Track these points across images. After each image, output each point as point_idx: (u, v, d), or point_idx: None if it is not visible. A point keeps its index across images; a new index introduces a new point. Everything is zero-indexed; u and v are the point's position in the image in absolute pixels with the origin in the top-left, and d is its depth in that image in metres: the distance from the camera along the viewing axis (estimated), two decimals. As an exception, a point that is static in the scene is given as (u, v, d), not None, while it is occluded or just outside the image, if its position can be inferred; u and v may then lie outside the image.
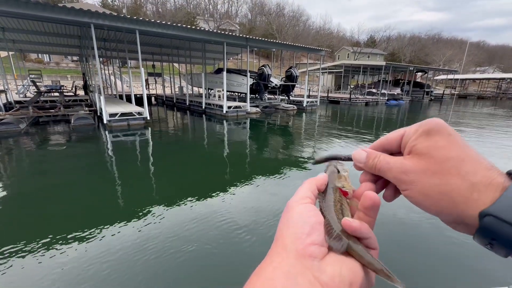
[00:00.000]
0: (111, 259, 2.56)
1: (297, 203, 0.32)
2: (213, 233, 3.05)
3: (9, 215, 3.52)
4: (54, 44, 16.41)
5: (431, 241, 3.04)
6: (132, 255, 2.61)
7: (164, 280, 2.33)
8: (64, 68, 33.34)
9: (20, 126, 8.64)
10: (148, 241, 2.87)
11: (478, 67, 73.11)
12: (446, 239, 3.02)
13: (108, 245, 2.77)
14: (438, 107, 22.28)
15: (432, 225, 3.27)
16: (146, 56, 19.69)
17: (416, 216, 3.48)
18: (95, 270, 2.41)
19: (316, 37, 60.99)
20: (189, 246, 2.77)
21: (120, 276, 2.36)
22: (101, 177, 4.96)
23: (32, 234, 3.01)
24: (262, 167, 5.70)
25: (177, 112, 15.47)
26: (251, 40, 12.64)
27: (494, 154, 6.96)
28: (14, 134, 8.14)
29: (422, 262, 2.63)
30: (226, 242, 2.88)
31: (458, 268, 2.61)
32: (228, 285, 2.28)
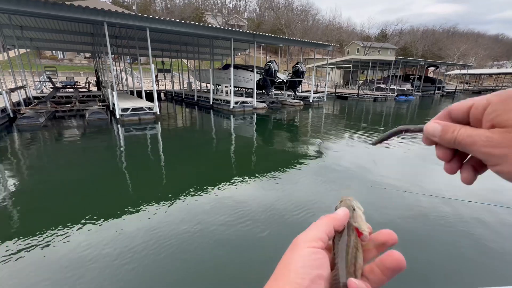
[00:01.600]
0: (125, 244, 2.83)
1: (305, 244, 0.30)
2: (223, 221, 3.31)
3: (33, 201, 3.91)
4: (68, 41, 17.02)
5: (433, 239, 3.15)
6: (144, 241, 2.85)
7: (175, 262, 2.56)
8: (77, 64, 34.34)
9: (40, 120, 9.17)
10: (159, 227, 3.17)
11: (496, 62, 70.18)
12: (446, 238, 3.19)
13: (122, 231, 3.04)
14: (450, 103, 21.80)
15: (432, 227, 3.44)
16: (156, 53, 20.10)
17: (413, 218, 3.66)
18: (114, 253, 2.71)
19: (325, 32, 60.03)
20: (198, 234, 2.99)
21: (132, 258, 2.56)
22: (118, 168, 5.33)
23: (50, 220, 3.35)
24: (268, 161, 5.92)
25: (186, 107, 15.85)
26: (258, 36, 12.77)
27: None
28: (35, 127, 8.68)
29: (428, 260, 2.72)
30: (235, 229, 3.11)
31: (460, 266, 2.64)
32: (239, 269, 2.50)
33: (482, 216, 3.43)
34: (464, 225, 3.24)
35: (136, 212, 3.45)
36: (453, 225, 3.23)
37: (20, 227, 3.10)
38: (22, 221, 3.27)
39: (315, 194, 4.07)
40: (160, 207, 3.57)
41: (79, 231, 3.02)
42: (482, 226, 3.22)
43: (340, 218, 0.34)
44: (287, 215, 3.39)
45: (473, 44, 63.57)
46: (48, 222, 3.20)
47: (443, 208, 3.61)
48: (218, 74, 17.43)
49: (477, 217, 3.40)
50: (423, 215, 3.47)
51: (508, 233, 3.09)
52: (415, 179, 4.88)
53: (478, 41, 68.11)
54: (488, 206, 3.55)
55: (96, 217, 3.26)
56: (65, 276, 2.33)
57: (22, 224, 3.18)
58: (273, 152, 6.71)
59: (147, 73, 28.30)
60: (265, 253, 2.67)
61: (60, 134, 8.13)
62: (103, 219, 3.23)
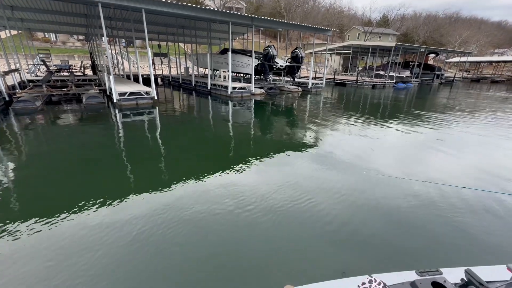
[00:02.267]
0: (122, 227, 2.86)
1: None
2: (220, 203, 3.47)
3: (34, 184, 4.03)
4: (61, 22, 16.50)
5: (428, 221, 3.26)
6: (141, 224, 2.92)
7: (175, 241, 2.64)
8: (70, 47, 33.40)
9: (36, 103, 9.13)
10: (158, 210, 3.30)
11: (497, 49, 69.27)
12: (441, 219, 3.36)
13: (121, 214, 3.10)
14: (447, 91, 21.81)
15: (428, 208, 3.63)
16: (152, 36, 19.60)
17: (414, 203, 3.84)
18: (109, 236, 2.71)
19: (326, 16, 58.40)
20: (198, 214, 3.10)
21: (127, 242, 2.60)
22: (117, 153, 5.44)
23: (49, 201, 3.48)
24: (265, 147, 6.01)
25: (183, 92, 15.73)
26: (257, 20, 12.50)
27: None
28: (32, 111, 8.65)
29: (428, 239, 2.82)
30: (232, 211, 3.26)
31: (454, 246, 2.73)
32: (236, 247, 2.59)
33: (475, 201, 3.53)
34: (460, 211, 3.32)
35: (134, 196, 3.50)
36: (449, 211, 3.31)
37: (17, 211, 3.13)
38: (20, 205, 3.29)
39: (312, 181, 4.08)
40: (159, 192, 3.66)
41: (78, 215, 3.06)
42: (475, 211, 3.34)
43: None
44: (282, 198, 3.51)
45: (476, 31, 62.41)
46: (45, 205, 3.27)
47: (437, 194, 3.70)
48: (215, 58, 17.17)
49: (470, 203, 3.50)
50: (417, 200, 3.53)
51: (498, 217, 3.24)
52: (411, 166, 4.93)
53: (481, 27, 66.82)
54: (481, 192, 3.68)
55: (93, 201, 3.32)
56: (60, 258, 2.39)
57: (19, 208, 3.21)
58: (270, 139, 6.80)
59: (143, 57, 27.69)
60: (264, 235, 2.79)
61: (58, 118, 8.14)
62: (101, 203, 3.30)
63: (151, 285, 2.13)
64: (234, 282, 2.19)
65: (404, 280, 1.31)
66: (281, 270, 2.32)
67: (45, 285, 2.11)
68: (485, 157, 5.52)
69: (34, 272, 2.23)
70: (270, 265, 2.37)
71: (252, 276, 2.27)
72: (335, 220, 3.04)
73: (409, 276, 1.36)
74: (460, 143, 6.46)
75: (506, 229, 2.97)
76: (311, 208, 3.29)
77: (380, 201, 3.50)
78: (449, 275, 1.33)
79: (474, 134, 7.41)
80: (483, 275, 1.20)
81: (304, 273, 2.31)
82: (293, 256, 2.50)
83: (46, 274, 2.21)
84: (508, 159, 5.35)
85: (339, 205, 3.37)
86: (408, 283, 1.28)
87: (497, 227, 3.02)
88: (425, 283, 1.24)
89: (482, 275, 1.17)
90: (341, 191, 3.73)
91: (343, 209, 3.28)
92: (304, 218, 3.09)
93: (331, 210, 3.25)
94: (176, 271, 2.29)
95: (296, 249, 2.60)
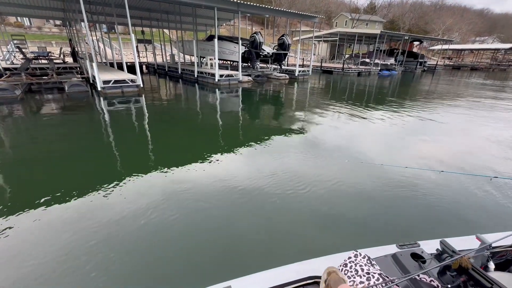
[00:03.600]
0: (108, 216, 2.88)
1: None
2: (207, 191, 3.55)
3: (20, 175, 4.04)
4: (36, 6, 15.57)
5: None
6: (127, 212, 2.96)
7: (160, 230, 2.68)
8: (47, 33, 31.54)
9: (16, 92, 8.84)
10: (147, 198, 3.35)
11: (478, 37, 71.29)
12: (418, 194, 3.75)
13: (106, 204, 3.10)
14: (429, 78, 22.60)
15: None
16: (135, 21, 18.86)
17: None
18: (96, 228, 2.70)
19: (314, 2, 57.67)
20: (183, 204, 3.11)
21: (115, 230, 2.64)
22: (105, 141, 5.50)
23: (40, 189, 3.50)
24: (251, 135, 6.09)
25: (170, 80, 15.51)
26: (243, 5, 12.36)
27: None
28: (12, 100, 8.40)
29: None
30: (218, 198, 3.28)
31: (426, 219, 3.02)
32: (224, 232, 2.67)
33: (449, 183, 3.83)
34: (435, 192, 3.57)
35: (122, 184, 3.53)
36: (426, 193, 3.54)
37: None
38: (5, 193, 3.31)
39: (298, 168, 4.18)
40: (146, 179, 3.70)
41: (68, 203, 3.08)
42: (449, 190, 3.61)
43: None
44: (266, 186, 3.59)
45: (458, 19, 63.74)
46: (33, 194, 3.28)
47: (415, 177, 3.93)
48: (202, 45, 16.89)
49: (447, 184, 3.78)
50: (397, 184, 3.74)
51: (469, 195, 3.54)
52: (392, 152, 5.08)
53: (463, 15, 68.25)
54: (457, 174, 4.00)
55: (79, 191, 3.34)
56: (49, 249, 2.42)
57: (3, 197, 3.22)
58: (257, 126, 6.91)
59: (126, 44, 26.65)
60: (256, 218, 2.93)
61: (41, 107, 7.96)
62: (87, 192, 3.31)
63: (147, 273, 2.19)
64: (229, 262, 2.32)
65: (386, 253, 1.40)
66: (276, 251, 2.47)
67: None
68: (464, 142, 5.80)
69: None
70: (264, 247, 2.52)
71: (249, 256, 2.42)
72: (322, 204, 3.21)
73: (390, 249, 1.44)
74: (438, 129, 6.74)
75: (474, 206, 3.30)
76: (299, 193, 3.42)
77: (363, 186, 3.68)
78: (426, 246, 1.45)
79: (453, 120, 7.74)
80: (456, 244, 1.29)
81: (296, 252, 2.47)
82: (286, 238, 2.64)
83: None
84: (478, 144, 5.70)
85: (325, 191, 3.53)
86: (390, 255, 1.37)
87: (467, 204, 3.35)
88: (405, 254, 1.35)
89: (454, 245, 1.25)
90: (325, 178, 3.87)
91: (329, 195, 3.45)
92: (293, 203, 3.23)
93: (318, 195, 3.40)
94: (174, 257, 2.36)
95: (286, 231, 2.74)
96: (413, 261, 1.31)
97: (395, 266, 1.30)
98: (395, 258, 1.34)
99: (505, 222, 3.01)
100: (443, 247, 1.25)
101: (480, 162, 4.71)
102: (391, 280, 1.06)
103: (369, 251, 1.41)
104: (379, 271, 1.13)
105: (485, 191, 3.64)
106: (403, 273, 1.24)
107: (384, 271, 1.17)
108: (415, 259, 1.32)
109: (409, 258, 1.33)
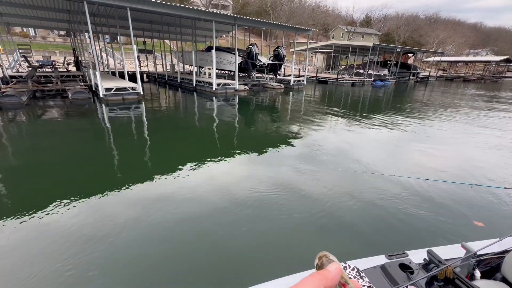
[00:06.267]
0: (111, 218, 3.00)
1: None
2: (193, 201, 3.55)
3: (27, 177, 4.25)
4: (42, 18, 16.32)
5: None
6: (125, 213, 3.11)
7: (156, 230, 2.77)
8: (51, 43, 32.50)
9: (22, 98, 9.32)
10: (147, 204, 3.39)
11: (472, 49, 73.29)
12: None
13: (107, 208, 3.19)
14: (421, 89, 23.31)
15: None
16: (137, 32, 19.69)
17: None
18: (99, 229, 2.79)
19: (311, 15, 59.58)
20: (182, 208, 3.21)
21: (118, 233, 2.71)
22: (105, 145, 5.91)
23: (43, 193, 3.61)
24: (247, 142, 6.27)
25: (169, 89, 16.10)
26: (239, 19, 13.09)
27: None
28: (18, 106, 8.87)
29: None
30: (215, 203, 3.48)
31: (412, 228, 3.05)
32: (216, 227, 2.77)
33: (436, 191, 3.92)
34: (421, 200, 3.66)
35: (122, 189, 3.62)
36: (413, 200, 3.63)
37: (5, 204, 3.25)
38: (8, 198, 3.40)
39: (290, 177, 4.25)
40: (145, 185, 3.76)
41: (70, 207, 3.15)
42: (436, 199, 3.72)
43: (333, 277, 0.33)
44: (260, 193, 3.66)
45: (452, 32, 65.78)
46: (35, 199, 3.35)
47: (403, 186, 4.05)
48: (201, 56, 17.60)
49: (432, 192, 3.89)
50: (386, 192, 3.84)
51: (455, 204, 3.63)
52: (382, 161, 5.19)
53: (456, 29, 70.43)
54: (442, 182, 4.14)
55: (78, 196, 3.40)
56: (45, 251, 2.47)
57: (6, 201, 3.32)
58: (252, 133, 7.13)
59: (128, 53, 27.51)
60: (247, 226, 2.97)
61: (46, 112, 8.42)
62: (85, 197, 3.39)
63: (137, 281, 2.20)
64: (222, 272, 2.32)
65: (375, 264, 1.41)
66: (265, 264, 2.46)
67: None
68: (448, 151, 6.01)
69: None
70: (256, 255, 2.55)
71: (238, 271, 2.38)
72: (314, 214, 3.23)
73: (379, 260, 1.45)
74: (427, 138, 6.95)
75: (460, 214, 3.39)
76: (290, 203, 3.46)
77: (354, 194, 3.73)
78: (414, 256, 1.46)
79: (440, 129, 8.00)
80: (442, 253, 1.31)
81: (286, 263, 2.46)
82: (276, 250, 2.63)
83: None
84: (465, 153, 5.93)
85: (315, 200, 3.57)
86: (378, 266, 1.38)
87: (453, 212, 3.42)
88: (393, 265, 1.35)
89: (441, 254, 1.27)
90: (317, 187, 3.93)
91: (321, 204, 3.47)
92: (282, 213, 3.23)
93: (308, 204, 3.46)
94: (166, 266, 2.35)
95: (277, 242, 2.74)
96: (401, 272, 1.30)
97: (384, 277, 1.30)
98: (383, 269, 1.34)
99: (488, 229, 3.10)
100: (430, 257, 1.27)
101: (464, 170, 4.86)
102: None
103: (359, 262, 1.42)
104: (368, 284, 1.12)
105: (467, 198, 3.77)
106: (392, 284, 1.23)
107: (373, 283, 1.18)
108: (403, 269, 1.32)
109: (397, 268, 1.32)
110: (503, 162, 5.30)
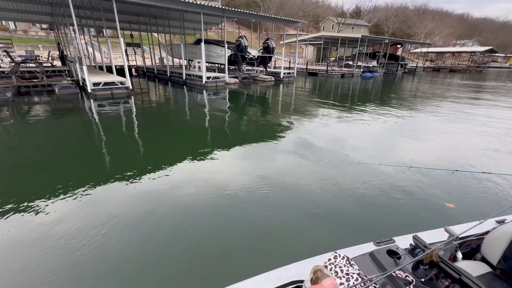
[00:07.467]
0: (101, 215, 3.01)
1: None
2: (195, 189, 3.76)
3: (15, 173, 4.32)
4: (23, 10, 15.73)
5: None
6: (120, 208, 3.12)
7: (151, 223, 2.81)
8: (33, 36, 31.26)
9: (7, 94, 9.12)
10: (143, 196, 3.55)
11: (459, 40, 74.70)
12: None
13: (100, 203, 3.19)
14: (409, 80, 23.83)
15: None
16: (123, 25, 19.22)
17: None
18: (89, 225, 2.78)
19: (301, 7, 59.17)
20: (174, 202, 3.27)
21: (110, 225, 2.73)
22: (97, 140, 5.96)
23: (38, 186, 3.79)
24: (238, 135, 6.37)
25: (159, 83, 15.94)
26: (228, 11, 13.00)
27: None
28: (3, 103, 8.69)
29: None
30: (207, 195, 3.63)
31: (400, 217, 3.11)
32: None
33: (420, 178, 4.08)
34: (406, 186, 3.79)
35: (111, 185, 3.62)
36: (398, 187, 3.75)
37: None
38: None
39: (281, 168, 4.33)
40: (136, 180, 3.77)
41: (55, 205, 3.11)
42: (420, 185, 3.85)
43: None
44: (248, 186, 3.67)
45: (439, 23, 66.77)
46: (25, 195, 3.34)
47: (389, 174, 4.17)
48: (190, 49, 17.42)
49: (416, 179, 4.03)
50: (373, 181, 3.95)
51: (437, 189, 3.74)
52: (369, 150, 5.29)
53: (444, 20, 71.49)
54: (425, 169, 4.30)
55: (69, 193, 3.38)
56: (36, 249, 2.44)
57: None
58: (242, 127, 7.21)
59: (115, 47, 26.84)
60: (242, 219, 2.99)
61: (33, 109, 8.30)
62: (77, 194, 3.38)
63: (138, 275, 2.20)
64: (217, 266, 2.34)
65: (364, 251, 1.45)
66: (255, 257, 2.47)
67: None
68: (432, 140, 6.20)
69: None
70: (251, 247, 2.58)
71: (229, 265, 2.39)
72: (302, 205, 3.28)
73: (368, 247, 1.50)
74: (412, 128, 7.18)
75: (443, 199, 3.51)
76: (276, 194, 3.49)
77: (341, 184, 3.83)
78: (401, 242, 1.51)
79: (424, 119, 8.30)
80: (427, 238, 1.36)
81: (277, 254, 2.49)
82: (265, 242, 2.65)
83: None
84: (447, 142, 6.14)
85: (304, 191, 3.63)
86: (367, 253, 1.43)
87: (437, 197, 3.53)
88: (381, 252, 1.40)
89: (426, 239, 1.32)
90: (305, 178, 3.98)
91: (308, 194, 3.53)
92: (271, 204, 3.26)
93: (297, 195, 3.50)
94: (163, 262, 2.35)
95: (265, 234, 2.76)
96: (389, 258, 1.36)
97: (373, 264, 1.35)
98: (372, 256, 1.39)
99: (468, 212, 3.25)
100: (416, 242, 1.32)
101: (446, 157, 5.06)
102: (369, 279, 1.11)
103: (348, 250, 1.46)
104: (357, 271, 1.17)
105: (448, 183, 3.95)
106: (380, 270, 1.29)
107: (362, 270, 1.22)
108: (391, 255, 1.37)
109: (385, 255, 1.37)
110: (483, 149, 5.59)
